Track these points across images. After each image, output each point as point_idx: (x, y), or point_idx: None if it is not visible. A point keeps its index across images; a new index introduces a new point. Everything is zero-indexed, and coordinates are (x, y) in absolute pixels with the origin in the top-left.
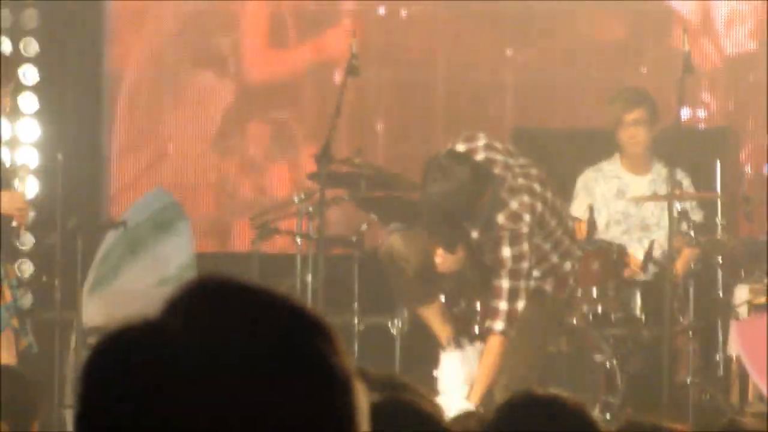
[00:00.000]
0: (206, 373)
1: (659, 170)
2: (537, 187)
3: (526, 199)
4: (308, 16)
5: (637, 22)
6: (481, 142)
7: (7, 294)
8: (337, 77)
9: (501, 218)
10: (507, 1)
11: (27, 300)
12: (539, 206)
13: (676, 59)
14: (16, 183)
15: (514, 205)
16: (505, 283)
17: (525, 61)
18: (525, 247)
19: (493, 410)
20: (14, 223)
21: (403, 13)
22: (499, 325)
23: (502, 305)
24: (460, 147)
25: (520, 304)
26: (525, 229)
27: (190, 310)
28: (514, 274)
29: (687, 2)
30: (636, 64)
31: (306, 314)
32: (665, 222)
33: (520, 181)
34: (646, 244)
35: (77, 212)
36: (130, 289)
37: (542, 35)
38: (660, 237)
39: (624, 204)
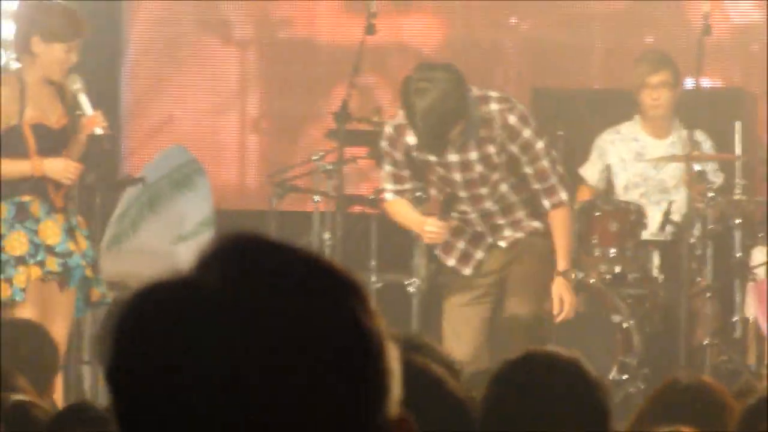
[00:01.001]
0: (244, 331)
1: (679, 133)
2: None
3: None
4: None
5: None
6: None
7: (83, 242)
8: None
9: (494, 105)
10: None
11: None
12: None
13: (680, 29)
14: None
15: (497, 92)
16: (543, 162)
17: (528, 27)
18: (533, 126)
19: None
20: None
21: None
22: (561, 195)
23: (552, 179)
24: None
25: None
26: (521, 106)
27: (225, 267)
28: (546, 152)
29: None
30: (641, 33)
31: (340, 274)
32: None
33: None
34: (664, 206)
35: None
36: (148, 245)
37: (545, 4)
38: (678, 199)
39: (642, 166)
